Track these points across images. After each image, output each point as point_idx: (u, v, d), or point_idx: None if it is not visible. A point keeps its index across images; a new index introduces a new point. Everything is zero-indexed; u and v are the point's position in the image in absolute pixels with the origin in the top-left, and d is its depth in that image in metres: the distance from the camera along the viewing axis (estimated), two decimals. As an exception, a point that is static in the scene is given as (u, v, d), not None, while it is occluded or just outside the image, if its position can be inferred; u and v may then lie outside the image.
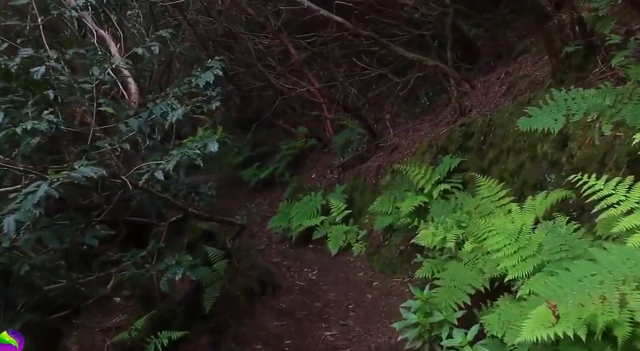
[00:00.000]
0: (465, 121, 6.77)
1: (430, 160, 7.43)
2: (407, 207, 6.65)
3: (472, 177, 6.54)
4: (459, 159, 6.66)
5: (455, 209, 5.82)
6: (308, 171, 11.93)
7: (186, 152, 4.34)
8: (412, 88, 10.35)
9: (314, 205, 9.60)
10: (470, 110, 7.41)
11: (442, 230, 5.30)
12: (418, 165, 7.45)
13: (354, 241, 8.62)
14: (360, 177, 9.46)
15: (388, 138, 9.32)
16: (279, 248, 10.04)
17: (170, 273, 4.35)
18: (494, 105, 6.69)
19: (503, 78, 7.26)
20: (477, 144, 6.49)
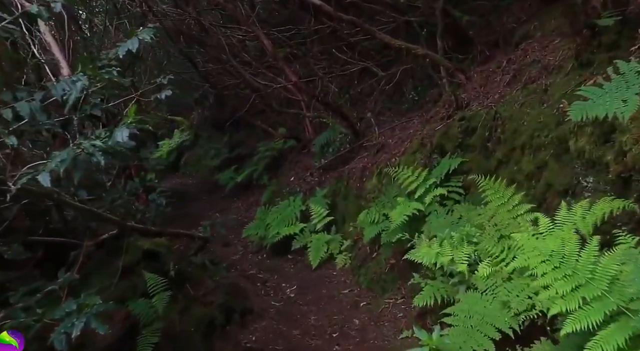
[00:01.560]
0: (465, 115, 5.48)
1: (424, 160, 6.12)
2: (399, 216, 5.33)
3: (475, 181, 5.25)
4: (460, 159, 5.37)
5: (461, 220, 4.51)
6: (287, 173, 10.56)
7: (85, 147, 2.94)
8: (397, 83, 9.07)
9: (293, 211, 8.24)
10: (467, 103, 6.13)
11: (448, 247, 3.98)
12: (409, 167, 6.16)
13: (337, 252, 7.28)
14: (342, 179, 8.12)
15: (373, 137, 8.01)
16: (255, 258, 8.66)
17: (65, 326, 2.87)
18: (499, 95, 5.41)
19: (505, 66, 5.99)
20: (480, 141, 5.21)
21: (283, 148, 11.31)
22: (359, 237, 7.00)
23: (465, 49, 7.42)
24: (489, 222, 4.01)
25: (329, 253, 7.35)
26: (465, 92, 6.38)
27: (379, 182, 7.01)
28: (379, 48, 9.64)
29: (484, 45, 7.20)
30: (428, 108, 7.59)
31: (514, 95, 5.14)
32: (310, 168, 9.61)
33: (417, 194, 5.50)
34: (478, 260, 3.91)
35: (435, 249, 3.98)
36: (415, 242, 5.00)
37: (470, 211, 4.78)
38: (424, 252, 4.02)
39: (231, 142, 13.70)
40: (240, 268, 8.24)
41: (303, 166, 10.06)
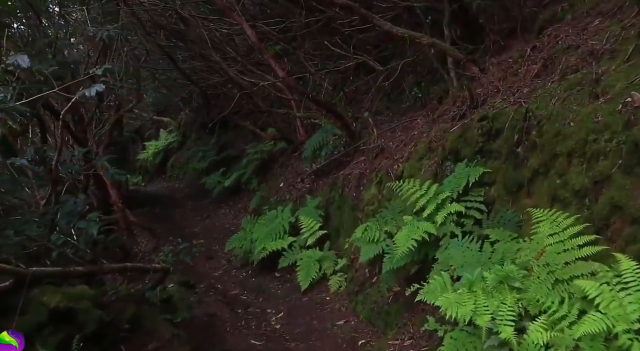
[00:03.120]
0: (487, 114, 4.26)
1: (433, 168, 4.91)
2: (405, 240, 4.11)
3: (501, 196, 4.04)
4: (481, 169, 4.14)
5: (494, 254, 3.28)
6: (277, 178, 9.34)
7: None
8: (396, 79, 7.84)
9: (281, 223, 7.01)
10: (484, 99, 4.92)
11: (482, 296, 2.75)
12: (415, 177, 4.95)
13: (331, 272, 6.06)
14: (337, 187, 6.90)
15: (371, 140, 6.79)
16: (239, 275, 7.43)
17: None
18: (529, 89, 4.19)
19: (530, 55, 4.78)
20: (508, 146, 3.99)
21: (273, 151, 10.10)
22: (355, 256, 5.79)
23: (476, 38, 6.20)
24: (537, 261, 2.79)
25: (321, 273, 6.14)
26: (481, 87, 5.16)
27: (379, 191, 5.80)
28: (376, 41, 8.43)
29: (498, 33, 5.98)
30: (433, 107, 6.37)
31: (550, 89, 3.93)
32: (301, 173, 8.39)
33: (427, 211, 4.28)
34: (524, 312, 2.69)
35: (464, 298, 2.76)
36: (432, 280, 3.81)
37: (498, 234, 3.57)
38: (447, 301, 2.79)
39: (219, 144, 12.47)
40: (221, 287, 7.01)
41: (294, 170, 8.83)
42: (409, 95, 7.63)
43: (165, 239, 9.50)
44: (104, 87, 3.21)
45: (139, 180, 14.86)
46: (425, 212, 4.28)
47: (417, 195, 4.41)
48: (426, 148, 5.27)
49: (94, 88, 3.14)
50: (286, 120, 10.10)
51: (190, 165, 12.98)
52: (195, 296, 5.92)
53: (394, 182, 5.15)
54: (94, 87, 3.14)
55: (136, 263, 8.30)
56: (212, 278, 7.45)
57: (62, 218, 3.98)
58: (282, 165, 9.53)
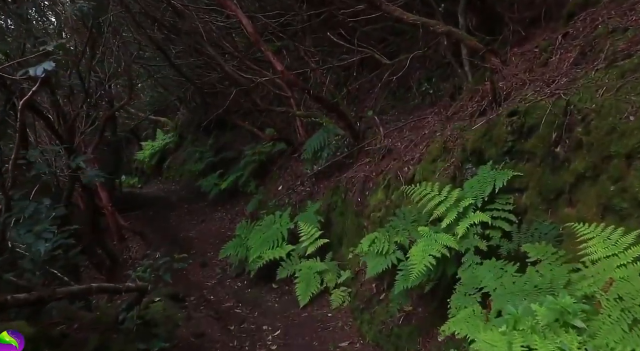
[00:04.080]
0: (517, 108, 3.57)
1: (451, 171, 4.22)
2: (422, 256, 3.42)
3: (535, 204, 3.35)
4: (510, 172, 3.45)
5: (541, 280, 2.57)
6: (276, 181, 8.65)
7: None
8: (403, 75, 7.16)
9: (279, 230, 6.32)
10: (508, 93, 4.24)
11: (534, 338, 2.05)
12: (430, 181, 4.27)
13: (333, 286, 5.38)
14: (339, 191, 6.22)
15: (376, 140, 6.10)
16: (234, 285, 6.74)
17: None
18: (567, 80, 3.50)
19: (562, 43, 4.10)
20: (544, 146, 3.30)
21: (271, 152, 9.40)
22: (360, 268, 5.09)
23: (494, 28, 5.52)
24: (605, 294, 2.10)
25: (322, 287, 5.45)
26: (503, 80, 4.47)
27: (387, 196, 5.11)
28: (381, 35, 7.75)
29: (518, 23, 5.29)
30: (446, 104, 5.69)
31: (595, 78, 3.24)
32: (301, 175, 7.70)
33: (446, 221, 3.59)
34: (589, 361, 2.00)
35: (511, 339, 2.06)
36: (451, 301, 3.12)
37: (539, 251, 2.87)
38: (488, 345, 2.09)
39: (217, 145, 11.78)
40: (214, 299, 6.32)
41: (293, 173, 8.14)
42: (416, 92, 6.96)
43: (158, 244, 8.83)
44: (54, 65, 2.52)
45: (135, 181, 14.17)
46: (444, 222, 3.59)
47: (434, 202, 3.72)
48: (441, 149, 4.58)
49: (42, 67, 2.46)
50: (285, 120, 9.43)
51: (186, 167, 12.29)
52: (183, 312, 5.23)
53: (405, 186, 4.48)
54: (41, 65, 2.47)
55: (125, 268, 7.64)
56: (205, 288, 6.76)
57: (22, 226, 3.31)
58: (281, 167, 8.84)
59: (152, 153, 13.24)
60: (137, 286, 3.50)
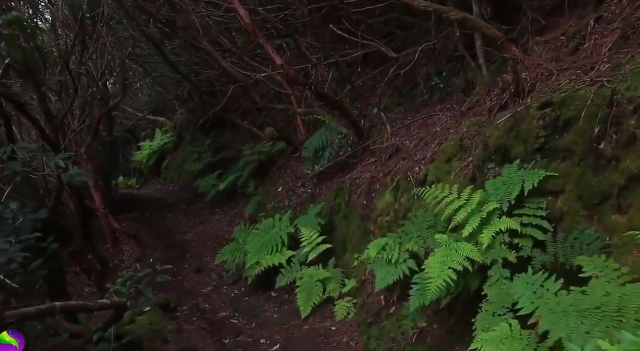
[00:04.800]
0: (550, 98, 3.05)
1: (468, 171, 3.71)
2: (439, 269, 2.92)
3: (574, 209, 2.83)
4: (542, 172, 2.94)
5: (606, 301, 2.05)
6: (275, 181, 8.13)
7: None
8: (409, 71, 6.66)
9: (278, 234, 5.80)
10: (532, 84, 3.73)
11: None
12: (445, 182, 3.76)
13: (337, 295, 4.86)
14: (343, 193, 5.70)
15: (383, 138, 5.59)
16: (230, 292, 6.23)
17: None
18: (610, 66, 2.98)
19: (595, 28, 3.59)
20: (585, 141, 2.79)
21: (271, 152, 8.88)
22: (367, 277, 4.58)
23: (510, 17, 5.00)
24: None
25: (325, 296, 4.93)
26: (527, 70, 3.96)
27: (395, 199, 4.59)
28: (386, 29, 7.25)
29: (537, 11, 4.78)
30: (459, 98, 5.19)
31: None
32: (301, 176, 7.19)
33: (468, 229, 3.08)
34: None
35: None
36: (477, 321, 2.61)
37: (595, 265, 2.36)
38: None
39: (216, 145, 11.26)
40: (209, 307, 5.82)
41: (293, 173, 7.63)
42: (423, 88, 6.43)
43: (153, 248, 8.32)
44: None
45: (133, 182, 13.65)
46: (466, 230, 3.07)
47: (453, 206, 3.21)
48: (456, 147, 4.07)
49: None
50: (286, 119, 8.91)
51: (185, 167, 11.78)
52: (174, 323, 4.71)
53: (417, 187, 3.98)
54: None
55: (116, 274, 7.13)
56: (199, 295, 6.25)
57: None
58: (281, 168, 8.33)
59: (150, 154, 12.73)
60: (112, 303, 2.99)
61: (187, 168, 11.44)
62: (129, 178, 13.86)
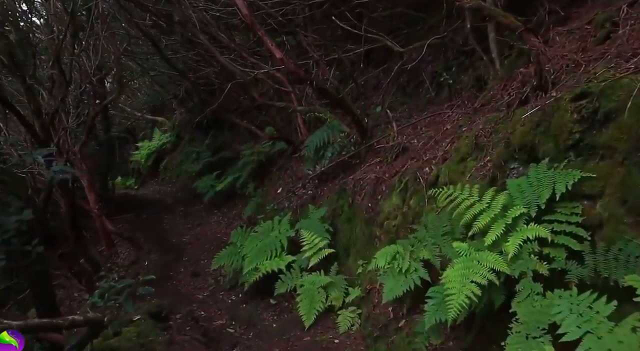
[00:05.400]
0: (587, 87, 2.64)
1: (487, 171, 3.31)
2: (460, 282, 2.54)
3: (617, 216, 2.43)
4: (577, 172, 2.53)
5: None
6: (275, 182, 7.72)
7: None
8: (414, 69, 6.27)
9: (278, 238, 5.38)
10: (557, 77, 3.33)
11: None
12: (461, 183, 3.35)
13: (340, 305, 4.44)
14: (345, 194, 5.29)
15: (389, 137, 5.17)
16: (228, 298, 5.81)
17: None
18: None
19: (630, 14, 3.18)
20: (630, 137, 2.39)
21: (271, 152, 8.47)
22: (373, 286, 4.16)
23: (525, 8, 4.61)
24: None
25: (327, 304, 4.52)
26: (549, 62, 3.56)
27: (403, 201, 4.19)
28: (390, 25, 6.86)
29: (556, 2, 4.39)
30: (470, 94, 4.78)
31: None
32: (302, 177, 6.78)
33: (491, 236, 2.67)
34: None
35: None
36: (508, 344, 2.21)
37: None
38: None
39: (215, 145, 10.84)
40: (204, 315, 5.40)
41: (294, 174, 7.21)
42: (429, 86, 6.03)
43: (149, 250, 7.91)
44: None
45: (132, 182, 13.23)
46: (489, 237, 2.67)
47: (474, 211, 2.80)
48: (471, 146, 3.67)
49: None
50: (286, 119, 8.50)
51: (183, 167, 11.36)
52: (165, 334, 4.29)
53: (428, 189, 3.57)
54: None
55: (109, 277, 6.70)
56: (194, 301, 5.83)
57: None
58: (281, 168, 7.92)
59: (149, 154, 12.30)
60: (86, 319, 2.57)
61: (186, 169, 11.02)
62: (127, 178, 13.43)
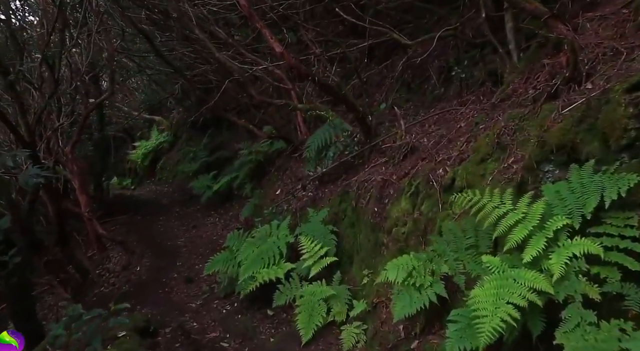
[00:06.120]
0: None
1: (513, 174, 2.83)
2: (493, 305, 2.05)
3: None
4: (635, 176, 2.06)
5: None
6: (274, 183, 7.24)
7: None
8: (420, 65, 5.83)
9: (276, 244, 4.89)
10: (593, 66, 2.86)
11: None
12: (477, 187, 2.88)
13: (343, 319, 3.96)
14: (349, 197, 4.81)
15: (396, 136, 4.69)
16: (222, 308, 5.32)
17: None
18: None
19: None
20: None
21: (269, 152, 7.98)
22: (380, 299, 3.68)
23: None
24: None
25: (330, 318, 4.03)
26: (581, 51, 3.08)
27: (414, 207, 3.71)
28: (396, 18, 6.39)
29: (579, -12, 3.92)
30: (485, 89, 4.31)
31: None
32: (302, 178, 6.29)
33: (531, 252, 2.19)
34: None
35: None
36: None
37: None
38: None
39: (212, 144, 10.34)
40: (197, 326, 4.91)
41: (293, 175, 6.74)
42: (436, 82, 5.56)
43: (141, 254, 7.40)
44: None
45: (128, 183, 12.72)
46: (528, 253, 2.19)
47: (508, 221, 2.31)
48: (492, 145, 3.19)
49: None
50: (285, 117, 8.02)
51: (180, 168, 10.85)
52: None
53: (445, 193, 3.09)
54: None
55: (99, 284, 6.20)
56: (187, 311, 5.35)
57: None
58: (280, 169, 7.44)
59: (145, 154, 11.81)
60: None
61: (182, 169, 10.52)
62: (124, 178, 12.93)
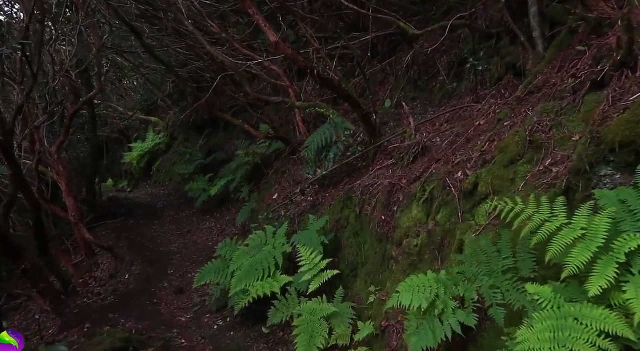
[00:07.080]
0: None
1: (553, 179, 2.27)
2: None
3: None
4: None
5: None
6: (271, 187, 6.68)
7: None
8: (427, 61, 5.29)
9: (272, 254, 4.32)
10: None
11: None
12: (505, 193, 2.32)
13: (346, 342, 3.39)
14: (351, 203, 4.25)
15: (405, 135, 4.14)
16: (214, 323, 4.75)
17: None
18: None
19: None
20: None
21: (267, 153, 7.43)
22: (390, 323, 3.11)
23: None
24: None
25: (332, 341, 3.47)
26: (631, 32, 2.52)
27: (428, 215, 3.15)
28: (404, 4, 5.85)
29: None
30: (508, 82, 3.76)
31: None
32: (300, 181, 5.73)
33: (598, 282, 1.62)
34: None
35: None
36: None
37: None
38: None
39: (209, 146, 9.78)
40: (185, 343, 4.34)
41: (291, 178, 6.17)
42: (446, 78, 5.01)
43: (131, 261, 6.82)
44: None
45: (124, 184, 12.16)
46: (595, 283, 1.62)
47: (565, 239, 1.75)
48: (523, 144, 2.64)
49: None
50: (283, 116, 7.47)
51: (176, 170, 10.28)
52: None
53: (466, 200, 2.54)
54: None
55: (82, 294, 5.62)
56: (175, 326, 4.78)
57: None
58: (278, 171, 6.87)
59: (141, 155, 11.24)
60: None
61: (178, 171, 9.94)
62: (120, 180, 12.36)
